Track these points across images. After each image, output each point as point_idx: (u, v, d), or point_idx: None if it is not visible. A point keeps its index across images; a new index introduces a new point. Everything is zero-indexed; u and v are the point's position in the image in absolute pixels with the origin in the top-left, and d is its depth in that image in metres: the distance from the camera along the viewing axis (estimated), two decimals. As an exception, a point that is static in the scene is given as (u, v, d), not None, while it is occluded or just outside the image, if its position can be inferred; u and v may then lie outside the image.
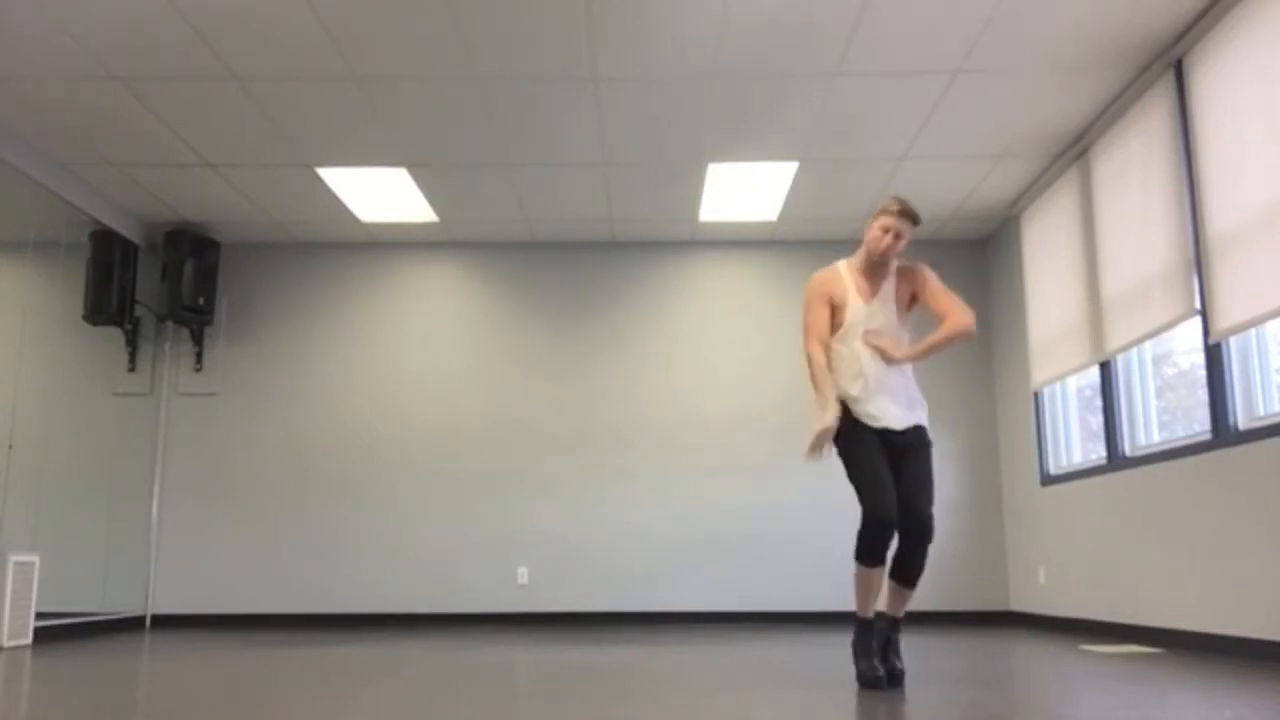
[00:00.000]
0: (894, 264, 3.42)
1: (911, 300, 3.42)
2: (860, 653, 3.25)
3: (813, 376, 3.33)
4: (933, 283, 3.38)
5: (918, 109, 5.17)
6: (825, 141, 5.55)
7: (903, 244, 3.31)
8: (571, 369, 7.00)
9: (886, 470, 3.20)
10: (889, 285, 3.38)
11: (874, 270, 3.39)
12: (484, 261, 7.17)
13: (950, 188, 6.19)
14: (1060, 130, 5.41)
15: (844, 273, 3.41)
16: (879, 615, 3.31)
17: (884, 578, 3.27)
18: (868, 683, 3.17)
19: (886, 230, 3.29)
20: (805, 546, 6.71)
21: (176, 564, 6.73)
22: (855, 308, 3.35)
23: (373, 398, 6.97)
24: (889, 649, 3.27)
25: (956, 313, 3.28)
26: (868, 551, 3.18)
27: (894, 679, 3.19)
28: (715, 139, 5.51)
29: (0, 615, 4.90)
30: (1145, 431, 5.14)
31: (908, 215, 3.28)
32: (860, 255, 3.41)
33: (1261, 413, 4.08)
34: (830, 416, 3.23)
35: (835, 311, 3.39)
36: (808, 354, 3.36)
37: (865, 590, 3.24)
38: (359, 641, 5.24)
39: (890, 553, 3.28)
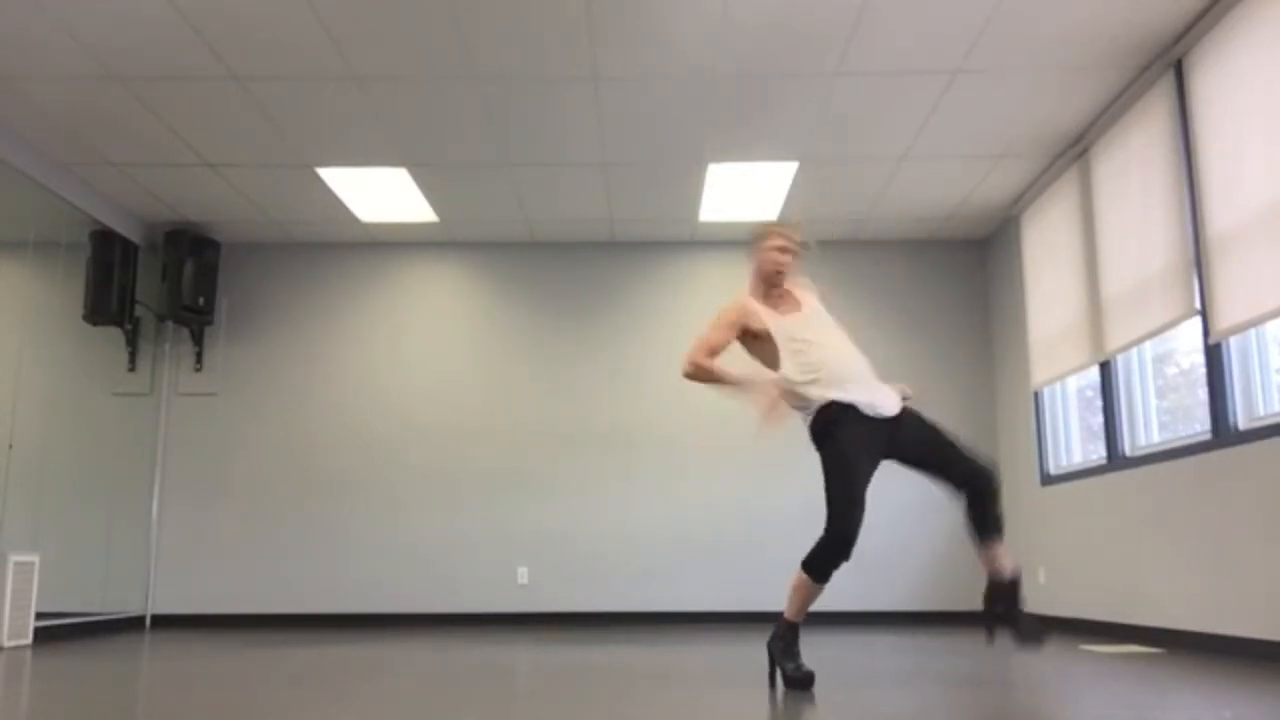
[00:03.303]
0: (791, 288, 3.43)
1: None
2: (787, 654, 3.17)
3: (711, 377, 3.25)
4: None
5: (918, 109, 5.17)
6: (825, 141, 5.55)
7: (793, 261, 3.34)
8: (572, 369, 7.00)
9: (864, 487, 3.09)
10: (810, 296, 3.44)
11: (772, 294, 3.37)
12: (484, 261, 7.17)
13: (950, 188, 6.19)
14: (1060, 130, 5.41)
15: (752, 302, 3.39)
16: (993, 581, 3.13)
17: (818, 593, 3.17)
18: (797, 683, 3.07)
19: (783, 249, 3.30)
20: (805, 546, 6.70)
21: (176, 564, 6.73)
22: (783, 324, 3.31)
23: (373, 398, 6.97)
24: (1012, 605, 3.07)
25: None
26: (823, 569, 3.08)
27: (1034, 634, 3.01)
28: (715, 139, 5.51)
29: (0, 615, 4.90)
30: (1145, 431, 5.14)
31: (788, 234, 3.32)
32: (752, 285, 3.40)
33: (1261, 413, 4.08)
34: (761, 383, 3.19)
35: (755, 336, 3.36)
36: (692, 363, 3.26)
37: (806, 601, 3.15)
38: (359, 641, 5.24)
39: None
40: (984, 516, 3.09)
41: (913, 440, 3.19)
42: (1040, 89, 4.96)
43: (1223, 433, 4.24)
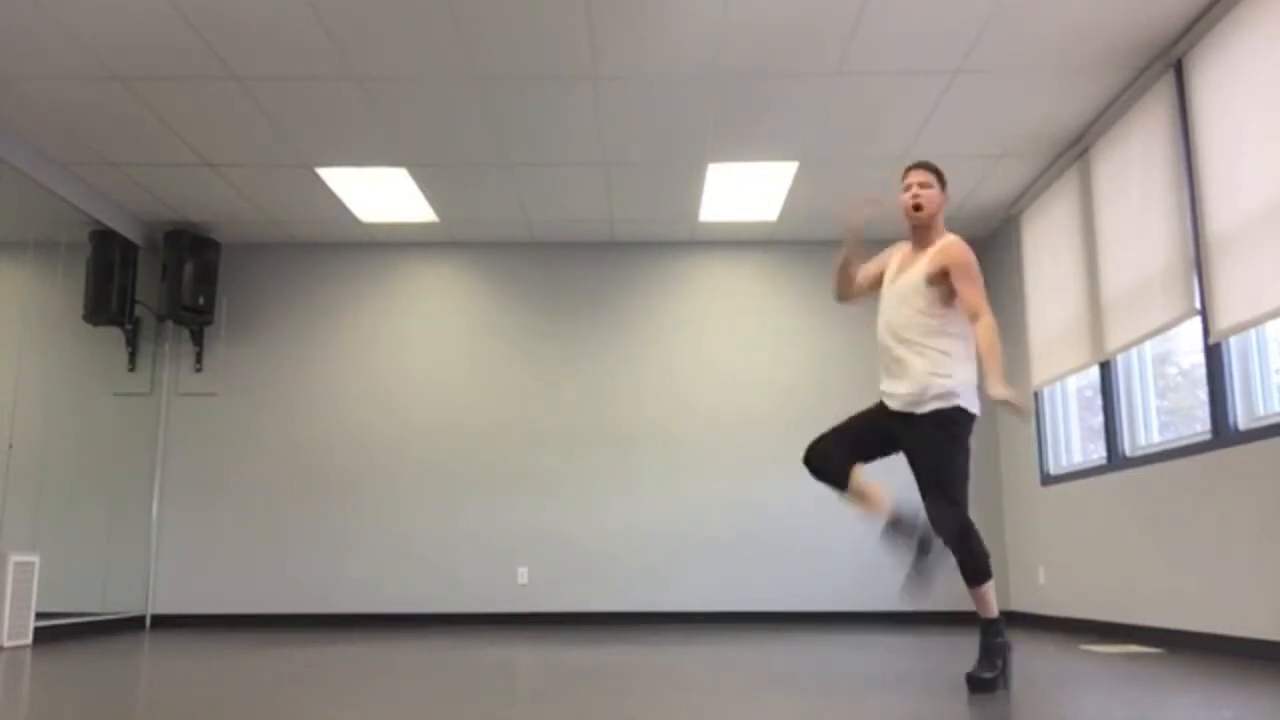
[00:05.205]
0: (941, 239, 3.28)
1: (945, 277, 3.18)
2: (911, 547, 3.10)
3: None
4: (957, 268, 3.14)
5: (918, 109, 5.17)
6: (825, 141, 5.55)
7: (933, 194, 3.27)
8: (571, 369, 7.00)
9: (848, 428, 3.27)
10: (924, 257, 3.24)
11: (918, 239, 3.35)
12: (484, 261, 7.17)
13: (950, 188, 6.19)
14: (1060, 130, 5.41)
15: (895, 250, 3.47)
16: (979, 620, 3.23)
17: (856, 486, 3.20)
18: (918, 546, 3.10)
19: (908, 188, 3.30)
20: (805, 546, 6.71)
21: (176, 564, 6.73)
22: (887, 287, 3.39)
23: (373, 397, 6.97)
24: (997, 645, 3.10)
25: (977, 319, 3.11)
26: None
27: (971, 684, 3.03)
28: (715, 139, 5.51)
29: (0, 615, 4.90)
30: (1145, 432, 5.14)
31: (921, 165, 3.31)
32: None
33: (1261, 413, 4.08)
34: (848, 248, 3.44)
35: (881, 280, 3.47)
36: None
37: (863, 502, 3.25)
38: (359, 641, 5.24)
39: (831, 477, 3.24)
40: (957, 562, 3.12)
41: (912, 456, 3.20)
42: (1040, 89, 4.96)
43: (1223, 433, 4.24)
